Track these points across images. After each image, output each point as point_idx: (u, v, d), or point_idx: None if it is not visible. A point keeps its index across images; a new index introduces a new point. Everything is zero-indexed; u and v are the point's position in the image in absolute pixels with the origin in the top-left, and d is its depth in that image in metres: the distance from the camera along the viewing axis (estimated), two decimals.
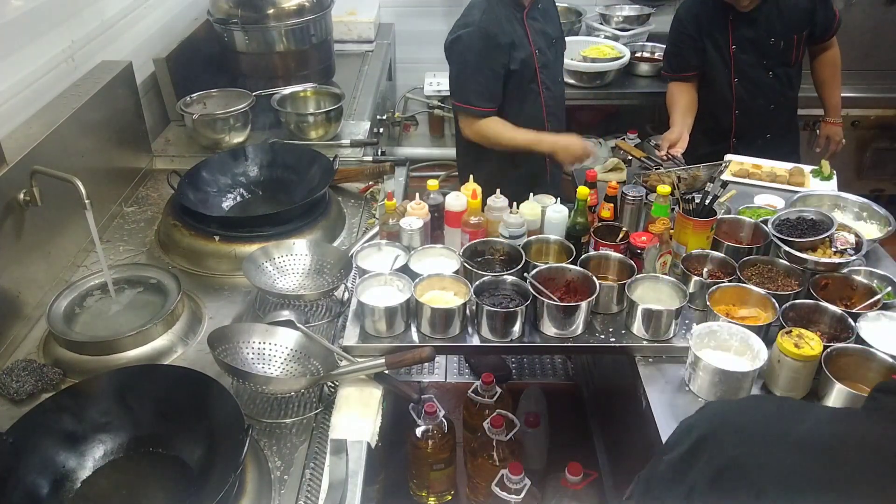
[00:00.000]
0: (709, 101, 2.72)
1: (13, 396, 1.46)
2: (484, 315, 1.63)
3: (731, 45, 2.58)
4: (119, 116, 2.17)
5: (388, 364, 1.51)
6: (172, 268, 1.88)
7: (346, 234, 2.09)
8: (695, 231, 1.81)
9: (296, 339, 1.58)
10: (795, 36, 2.53)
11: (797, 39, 2.54)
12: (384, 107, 3.42)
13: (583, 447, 2.54)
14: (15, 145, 1.70)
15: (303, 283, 1.81)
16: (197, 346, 1.65)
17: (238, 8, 2.60)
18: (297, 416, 1.48)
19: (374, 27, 3.54)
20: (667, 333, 1.63)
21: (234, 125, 2.39)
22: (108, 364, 1.53)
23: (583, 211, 1.83)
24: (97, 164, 2.04)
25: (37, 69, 1.91)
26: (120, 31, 2.38)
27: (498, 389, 2.24)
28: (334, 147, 2.46)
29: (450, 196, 1.88)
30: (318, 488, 1.32)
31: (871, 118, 3.41)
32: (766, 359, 1.48)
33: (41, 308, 1.70)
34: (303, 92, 2.65)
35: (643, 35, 3.61)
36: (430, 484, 2.20)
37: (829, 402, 1.44)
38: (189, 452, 1.35)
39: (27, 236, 1.69)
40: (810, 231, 1.85)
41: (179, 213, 1.97)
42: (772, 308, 1.61)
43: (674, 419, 1.47)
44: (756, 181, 2.34)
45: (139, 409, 1.38)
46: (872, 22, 3.30)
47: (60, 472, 1.30)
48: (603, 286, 1.67)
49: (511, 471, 1.92)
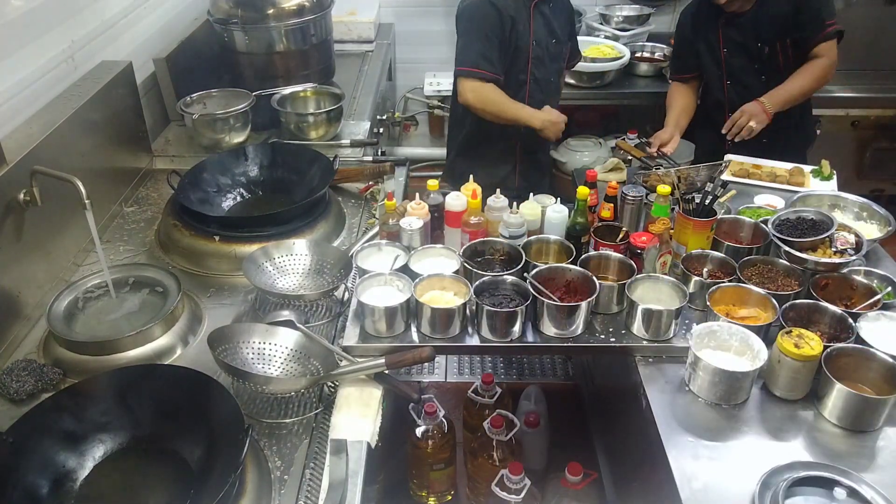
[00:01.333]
0: (705, 103, 2.73)
1: (13, 396, 1.46)
2: (484, 315, 1.63)
3: (723, 49, 2.58)
4: (119, 116, 2.17)
5: (388, 364, 1.51)
6: (172, 268, 1.88)
7: (346, 234, 2.09)
8: (695, 231, 1.81)
9: (296, 339, 1.58)
10: (779, 42, 2.52)
11: (781, 46, 2.52)
12: (384, 107, 3.43)
13: (583, 447, 2.54)
14: (15, 145, 1.70)
15: (303, 283, 1.81)
16: (197, 346, 1.65)
17: (238, 8, 2.60)
18: (297, 416, 1.48)
19: (374, 27, 3.54)
20: (667, 333, 1.63)
21: (234, 125, 2.39)
22: (108, 364, 1.53)
23: (583, 211, 1.83)
24: (97, 164, 2.04)
25: (37, 69, 1.91)
26: (120, 31, 2.38)
27: (498, 389, 2.24)
28: (334, 147, 2.46)
29: (450, 196, 1.88)
30: (318, 488, 1.32)
31: (871, 118, 3.41)
32: (766, 359, 1.48)
33: (41, 308, 1.70)
34: (303, 92, 2.65)
35: (643, 35, 3.61)
36: (430, 484, 2.20)
37: (829, 401, 1.45)
38: (189, 452, 1.35)
39: (27, 236, 1.69)
40: (810, 231, 1.85)
41: (179, 213, 1.97)
42: (772, 308, 1.61)
43: (674, 419, 1.47)
44: (756, 181, 2.34)
45: (139, 408, 1.38)
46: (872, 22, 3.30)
47: (60, 472, 1.30)
48: (603, 286, 1.67)
49: (511, 471, 1.92)
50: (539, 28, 2.40)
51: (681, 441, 1.42)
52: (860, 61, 3.29)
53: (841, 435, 1.43)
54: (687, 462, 1.37)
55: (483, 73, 2.35)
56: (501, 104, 2.40)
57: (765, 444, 1.41)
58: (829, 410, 1.45)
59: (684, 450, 1.40)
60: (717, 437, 1.43)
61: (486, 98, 2.37)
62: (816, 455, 1.39)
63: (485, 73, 2.34)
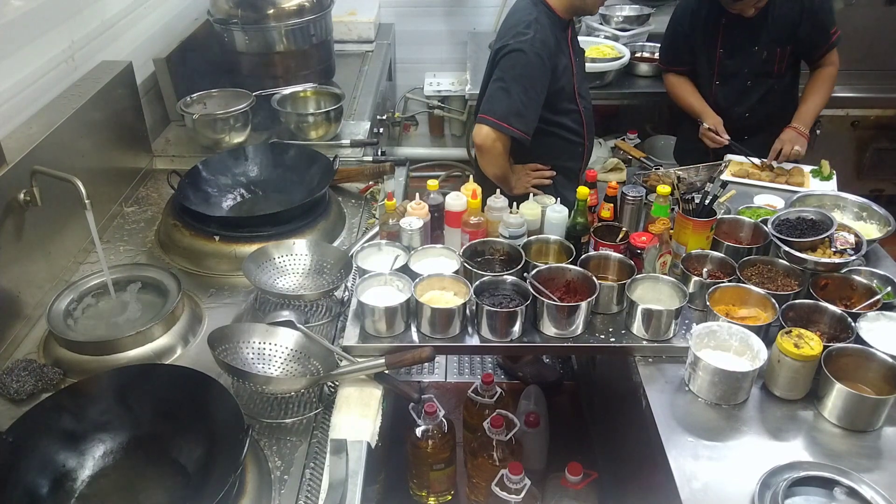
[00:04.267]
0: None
1: (13, 396, 1.46)
2: (484, 315, 1.63)
3: (719, 48, 2.59)
4: (119, 116, 2.17)
5: (388, 364, 1.51)
6: (172, 268, 1.88)
7: (346, 234, 2.09)
8: (695, 231, 1.81)
9: (296, 339, 1.58)
10: (779, 49, 2.52)
11: (780, 53, 2.53)
12: (384, 107, 3.42)
13: (583, 447, 2.54)
14: (15, 145, 1.70)
15: (303, 283, 1.81)
16: (197, 346, 1.65)
17: (238, 8, 2.60)
18: (297, 416, 1.48)
19: (374, 27, 3.54)
20: (667, 333, 1.63)
21: (234, 125, 2.39)
22: (108, 364, 1.53)
23: (583, 211, 1.83)
24: (97, 164, 2.04)
25: (37, 69, 1.91)
26: (120, 31, 2.38)
27: (498, 389, 2.24)
28: (334, 147, 2.46)
29: (450, 196, 1.88)
30: (318, 488, 1.32)
31: (871, 118, 3.41)
32: (766, 359, 1.48)
33: (41, 308, 1.70)
34: (303, 92, 2.65)
35: (643, 35, 3.61)
36: (430, 484, 2.20)
37: (828, 401, 1.45)
38: (189, 452, 1.35)
39: (27, 236, 1.69)
40: (810, 231, 1.85)
41: (179, 213, 1.97)
42: (771, 308, 1.61)
43: (673, 419, 1.47)
44: (756, 181, 2.34)
45: (139, 408, 1.38)
46: (872, 22, 3.29)
47: (60, 472, 1.30)
48: (603, 286, 1.67)
49: (511, 471, 1.92)
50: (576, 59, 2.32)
51: (681, 441, 1.42)
52: (860, 61, 3.29)
53: (841, 435, 1.43)
54: (687, 462, 1.38)
55: (509, 128, 2.16)
56: (503, 167, 2.26)
57: (765, 444, 1.41)
58: (828, 410, 1.45)
59: (684, 450, 1.40)
60: (717, 437, 1.43)
61: (494, 152, 2.22)
62: (816, 455, 1.39)
63: (511, 129, 2.17)
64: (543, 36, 2.16)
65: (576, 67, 2.33)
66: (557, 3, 2.22)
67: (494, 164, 2.24)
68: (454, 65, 4.01)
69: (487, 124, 2.17)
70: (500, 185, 2.27)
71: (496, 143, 2.19)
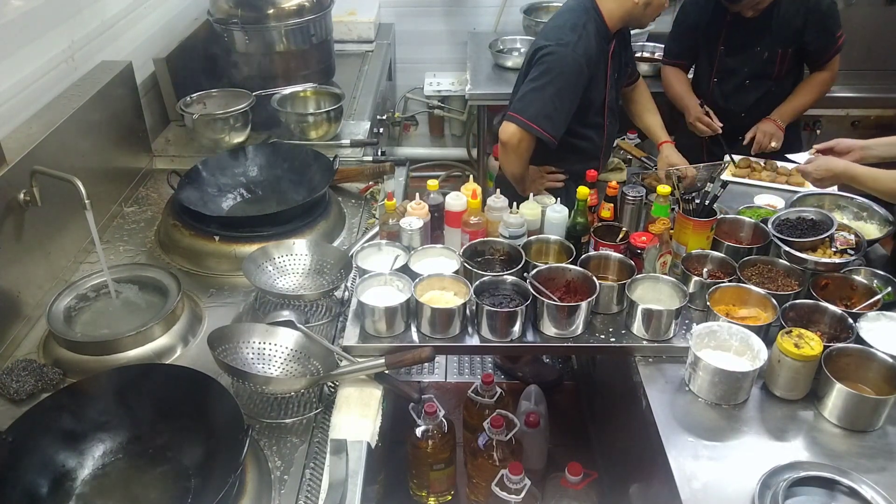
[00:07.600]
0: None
1: (13, 396, 1.46)
2: (484, 315, 1.63)
3: (721, 46, 2.59)
4: (119, 116, 2.17)
5: (388, 364, 1.51)
6: (172, 268, 1.88)
7: (346, 234, 2.09)
8: (695, 231, 1.81)
9: (296, 339, 1.58)
10: (780, 51, 2.52)
11: (781, 54, 2.53)
12: (384, 107, 3.42)
13: (582, 447, 2.54)
14: (15, 145, 1.70)
15: (303, 283, 1.81)
16: (197, 346, 1.64)
17: (238, 8, 2.59)
18: (297, 416, 1.48)
19: (374, 27, 3.54)
20: (667, 333, 1.63)
21: (234, 125, 2.39)
22: (108, 364, 1.53)
23: (583, 211, 1.83)
24: (97, 164, 2.04)
25: (37, 69, 1.91)
26: (120, 31, 2.38)
27: (498, 389, 2.24)
28: (334, 147, 2.46)
29: (450, 196, 1.88)
30: (318, 488, 1.32)
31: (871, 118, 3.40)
32: (766, 359, 1.48)
33: (41, 308, 1.70)
34: (303, 92, 2.65)
35: (643, 35, 3.60)
36: (430, 484, 2.20)
37: (829, 401, 1.45)
38: (189, 452, 1.35)
39: (27, 236, 1.69)
40: (810, 231, 1.85)
41: (179, 213, 1.97)
42: (772, 308, 1.61)
43: (674, 419, 1.47)
44: (756, 181, 2.34)
45: (139, 408, 1.38)
46: (872, 22, 3.29)
47: (60, 472, 1.30)
48: (603, 286, 1.67)
49: (511, 471, 1.92)
50: (613, 64, 2.30)
51: (681, 441, 1.42)
52: (860, 61, 3.28)
53: (841, 435, 1.43)
54: (687, 462, 1.37)
55: (537, 129, 2.15)
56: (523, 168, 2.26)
57: (765, 444, 1.41)
58: (829, 410, 1.45)
59: (684, 450, 1.40)
60: (717, 437, 1.43)
61: (518, 152, 2.21)
62: (816, 455, 1.39)
63: (540, 130, 2.15)
64: (587, 44, 2.14)
65: (610, 81, 2.30)
66: (611, 13, 2.18)
67: (516, 163, 2.25)
68: (454, 65, 4.01)
69: (516, 123, 2.16)
70: (516, 184, 2.29)
71: (521, 143, 2.19)
